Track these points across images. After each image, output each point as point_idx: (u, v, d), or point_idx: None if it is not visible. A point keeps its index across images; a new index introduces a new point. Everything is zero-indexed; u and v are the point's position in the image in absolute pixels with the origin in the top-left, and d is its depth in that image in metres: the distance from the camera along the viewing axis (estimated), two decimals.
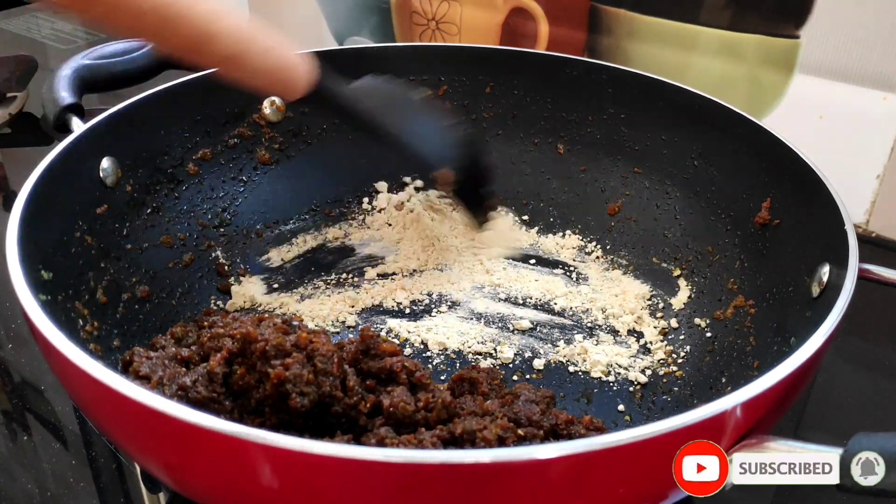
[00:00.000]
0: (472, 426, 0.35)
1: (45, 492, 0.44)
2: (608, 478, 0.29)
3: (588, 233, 0.64)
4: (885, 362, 0.56)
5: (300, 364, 0.36)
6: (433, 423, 0.37)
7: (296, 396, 0.35)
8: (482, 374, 0.45)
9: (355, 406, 0.37)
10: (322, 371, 0.36)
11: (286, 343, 0.37)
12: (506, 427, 0.36)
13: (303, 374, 0.36)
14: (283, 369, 0.35)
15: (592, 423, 0.41)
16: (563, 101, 0.65)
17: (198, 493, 0.34)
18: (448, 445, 0.35)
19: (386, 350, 0.40)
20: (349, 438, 0.36)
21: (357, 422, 0.37)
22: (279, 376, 0.35)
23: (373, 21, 0.91)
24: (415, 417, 0.37)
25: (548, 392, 0.43)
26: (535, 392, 0.42)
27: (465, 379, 0.43)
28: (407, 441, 0.34)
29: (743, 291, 0.51)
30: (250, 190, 0.62)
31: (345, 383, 0.38)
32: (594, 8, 0.75)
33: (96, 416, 0.35)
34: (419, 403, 0.37)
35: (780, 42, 0.67)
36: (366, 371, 0.40)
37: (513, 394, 0.42)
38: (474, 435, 0.35)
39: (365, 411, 0.37)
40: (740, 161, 0.55)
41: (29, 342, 0.54)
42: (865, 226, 0.69)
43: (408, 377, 0.39)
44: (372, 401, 0.38)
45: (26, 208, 0.40)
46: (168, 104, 0.56)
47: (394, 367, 0.39)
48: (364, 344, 0.40)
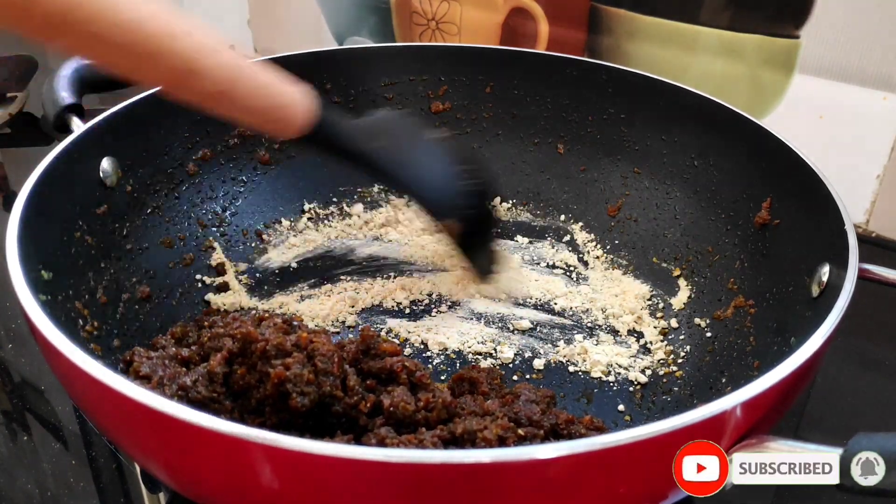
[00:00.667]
0: (473, 426, 0.35)
1: (45, 492, 0.44)
2: (608, 478, 0.29)
3: (588, 232, 0.64)
4: (885, 362, 0.56)
5: (300, 364, 0.36)
6: (433, 423, 0.37)
7: (296, 396, 0.35)
8: (482, 374, 0.45)
9: (356, 406, 0.37)
10: (322, 371, 0.36)
11: (287, 343, 0.37)
12: (506, 427, 0.36)
13: (303, 373, 0.36)
14: (284, 369, 0.35)
15: (593, 423, 0.41)
16: (563, 101, 0.65)
17: (198, 493, 0.34)
18: (448, 445, 0.35)
19: (386, 350, 0.40)
20: (349, 438, 0.36)
21: (357, 421, 0.37)
22: (279, 376, 0.35)
23: (373, 21, 0.91)
24: (415, 417, 0.37)
25: (548, 392, 0.43)
26: (535, 392, 0.42)
27: (465, 379, 0.43)
28: (407, 441, 0.34)
29: (743, 291, 0.51)
30: (250, 190, 0.62)
31: (345, 383, 0.38)
32: (594, 8, 0.75)
33: (96, 416, 0.35)
34: (419, 403, 0.37)
35: (780, 42, 0.67)
36: (366, 371, 0.40)
37: (513, 393, 0.42)
38: (475, 435, 0.35)
39: (365, 411, 0.37)
40: (740, 161, 0.55)
41: (29, 342, 0.54)
42: (865, 226, 0.69)
43: (408, 377, 0.39)
44: (372, 400, 0.38)
45: (26, 208, 0.40)
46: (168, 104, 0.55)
47: (394, 367, 0.39)
48: (364, 344, 0.40)
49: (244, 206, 0.61)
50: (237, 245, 0.59)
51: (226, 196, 0.60)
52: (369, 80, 0.66)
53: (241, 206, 0.61)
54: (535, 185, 0.66)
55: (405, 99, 0.67)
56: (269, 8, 1.01)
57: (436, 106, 0.67)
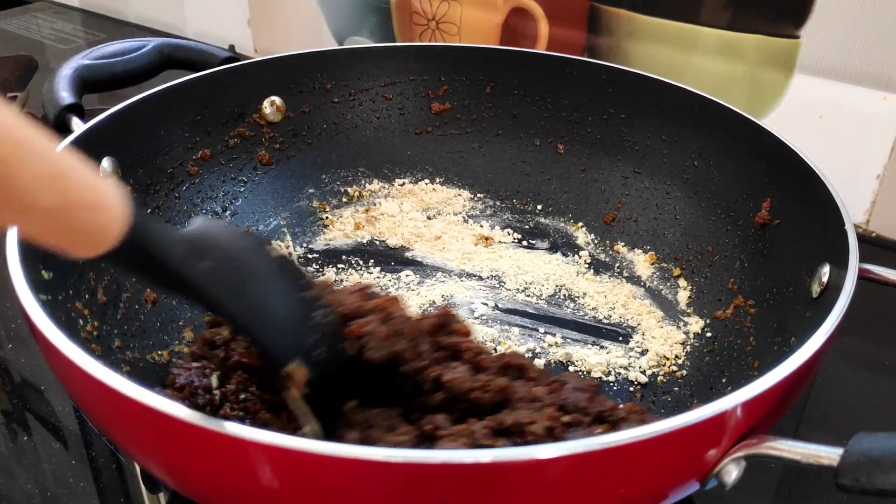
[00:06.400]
0: (523, 418, 0.36)
1: (45, 492, 0.44)
2: (608, 478, 0.29)
3: (588, 233, 0.64)
4: (885, 362, 0.56)
5: (376, 323, 0.39)
6: (486, 404, 0.38)
7: (371, 349, 0.38)
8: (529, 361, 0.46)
9: (422, 370, 0.39)
10: (397, 332, 0.39)
11: (365, 307, 0.40)
12: (554, 416, 0.38)
13: (379, 330, 0.38)
14: (362, 326, 0.38)
15: (634, 409, 0.41)
16: (563, 101, 0.65)
17: (198, 493, 0.34)
18: (498, 436, 0.36)
19: (459, 330, 0.42)
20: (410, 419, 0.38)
21: (422, 388, 0.39)
22: (358, 331, 0.38)
23: (373, 21, 0.91)
24: (469, 396, 0.38)
25: (593, 381, 0.44)
26: (581, 380, 0.43)
27: (513, 365, 0.44)
28: (459, 432, 0.35)
29: (743, 291, 0.51)
30: (250, 190, 0.62)
31: (416, 348, 0.40)
32: (594, 8, 0.75)
33: (96, 416, 0.35)
34: (477, 383, 0.39)
35: (780, 42, 0.67)
36: (439, 344, 0.42)
37: (560, 381, 0.43)
38: (523, 427, 0.36)
39: (430, 377, 0.39)
40: (740, 161, 0.55)
41: (29, 342, 0.54)
42: (865, 226, 0.69)
43: (472, 357, 0.41)
44: (438, 371, 0.40)
45: None
46: (168, 104, 0.56)
47: (461, 346, 0.41)
48: (441, 320, 0.42)
49: (244, 206, 0.61)
50: None
51: (226, 196, 0.60)
52: (369, 80, 0.66)
53: (241, 206, 0.61)
54: (535, 185, 0.66)
55: (405, 99, 0.67)
56: (269, 8, 1.01)
57: (436, 106, 0.67)
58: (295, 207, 0.64)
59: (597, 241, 0.63)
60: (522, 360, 0.44)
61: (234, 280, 0.35)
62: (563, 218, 0.65)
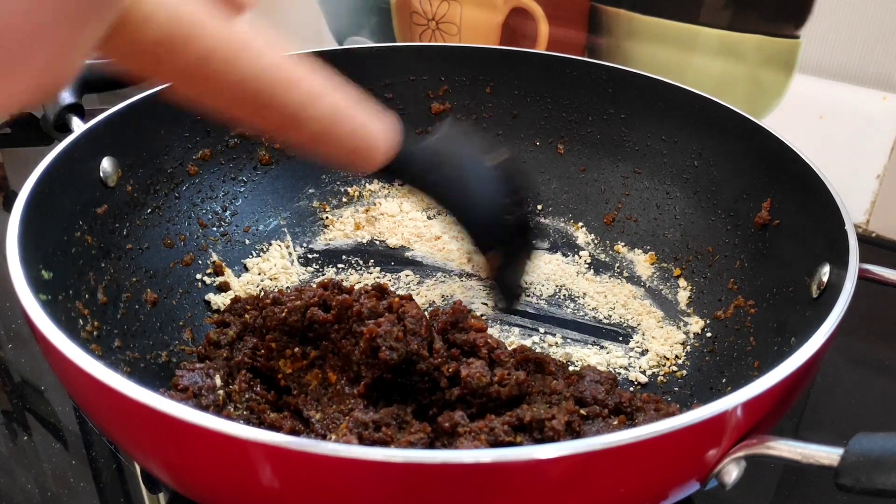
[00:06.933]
0: (542, 414, 0.37)
1: (46, 492, 0.44)
2: (608, 478, 0.29)
3: (588, 233, 0.64)
4: (885, 362, 0.56)
5: (391, 323, 0.39)
6: (505, 398, 0.39)
7: (386, 350, 0.38)
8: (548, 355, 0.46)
9: (438, 367, 0.40)
10: (411, 331, 0.39)
11: (379, 306, 0.40)
12: (572, 411, 0.38)
13: (393, 330, 0.39)
14: (376, 326, 0.39)
15: (650, 398, 0.42)
16: (563, 101, 0.65)
17: (198, 493, 0.34)
18: (517, 432, 0.36)
19: (473, 325, 0.43)
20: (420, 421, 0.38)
21: (438, 384, 0.40)
22: (372, 332, 0.39)
23: (373, 21, 0.91)
24: (488, 390, 0.39)
25: (610, 374, 0.44)
26: (599, 373, 0.43)
27: (532, 360, 0.44)
28: (479, 429, 0.36)
29: (743, 291, 0.51)
30: (250, 190, 0.62)
31: (431, 346, 0.40)
32: (594, 8, 0.75)
33: (96, 416, 0.35)
34: (495, 378, 0.39)
35: (780, 42, 0.67)
36: (452, 341, 0.42)
37: (578, 374, 0.43)
38: (543, 423, 0.37)
39: (447, 374, 0.40)
40: (740, 161, 0.55)
41: (29, 342, 0.54)
42: (865, 226, 0.69)
43: (488, 353, 0.41)
44: (455, 367, 0.40)
45: (26, 208, 0.40)
46: (168, 104, 0.55)
47: (477, 342, 0.41)
48: (454, 316, 0.43)
49: (244, 206, 0.61)
50: (237, 245, 0.59)
51: (226, 196, 0.60)
52: (369, 80, 0.66)
53: (241, 206, 0.61)
54: (534, 185, 0.66)
55: (405, 99, 0.67)
56: (269, 8, 1.01)
57: (436, 106, 0.67)
58: (295, 207, 0.64)
59: (597, 241, 0.63)
60: (540, 355, 0.44)
61: (459, 186, 0.48)
62: (563, 218, 0.65)
